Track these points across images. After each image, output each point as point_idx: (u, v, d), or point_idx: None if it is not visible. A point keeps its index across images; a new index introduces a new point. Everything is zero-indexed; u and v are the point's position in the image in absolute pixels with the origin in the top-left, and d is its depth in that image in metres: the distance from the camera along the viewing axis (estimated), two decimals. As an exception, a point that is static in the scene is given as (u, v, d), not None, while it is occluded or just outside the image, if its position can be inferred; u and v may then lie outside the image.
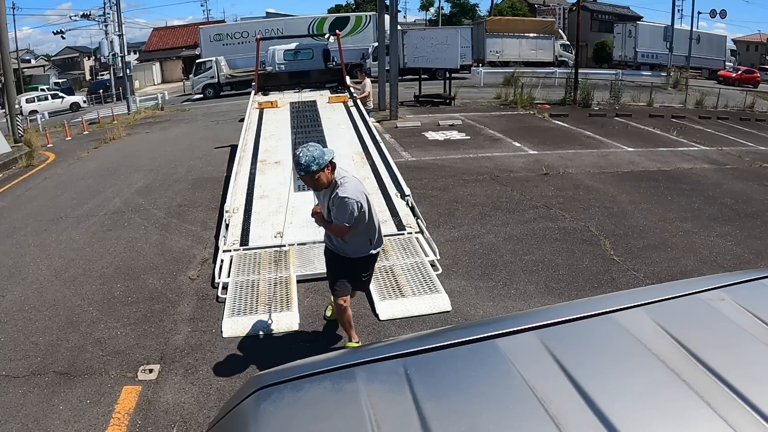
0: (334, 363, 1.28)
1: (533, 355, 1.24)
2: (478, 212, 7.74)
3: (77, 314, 5.41)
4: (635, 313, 1.38)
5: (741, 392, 1.10)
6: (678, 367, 1.18)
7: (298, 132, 9.87)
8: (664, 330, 1.31)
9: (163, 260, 6.45)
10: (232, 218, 6.64)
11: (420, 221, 6.56)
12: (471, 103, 19.65)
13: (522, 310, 4.15)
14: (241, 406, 1.21)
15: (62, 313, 5.47)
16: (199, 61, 30.83)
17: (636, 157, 11.64)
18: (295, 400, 1.17)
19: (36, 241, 7.52)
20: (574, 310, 1.42)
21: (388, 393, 1.16)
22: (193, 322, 5.06)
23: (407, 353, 1.27)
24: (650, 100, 21.33)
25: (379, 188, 7.30)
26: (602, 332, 1.34)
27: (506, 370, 1.20)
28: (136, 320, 5.18)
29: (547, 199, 8.42)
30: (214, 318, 5.08)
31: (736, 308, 1.39)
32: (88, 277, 6.20)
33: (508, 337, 1.31)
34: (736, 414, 1.05)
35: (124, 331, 5.02)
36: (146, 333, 4.95)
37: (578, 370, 1.18)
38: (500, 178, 9.59)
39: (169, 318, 5.16)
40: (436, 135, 13.66)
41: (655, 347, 1.25)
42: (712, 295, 1.46)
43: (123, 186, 9.96)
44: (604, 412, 1.06)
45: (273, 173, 7.94)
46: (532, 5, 53.51)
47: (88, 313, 5.42)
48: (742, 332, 1.31)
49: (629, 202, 8.43)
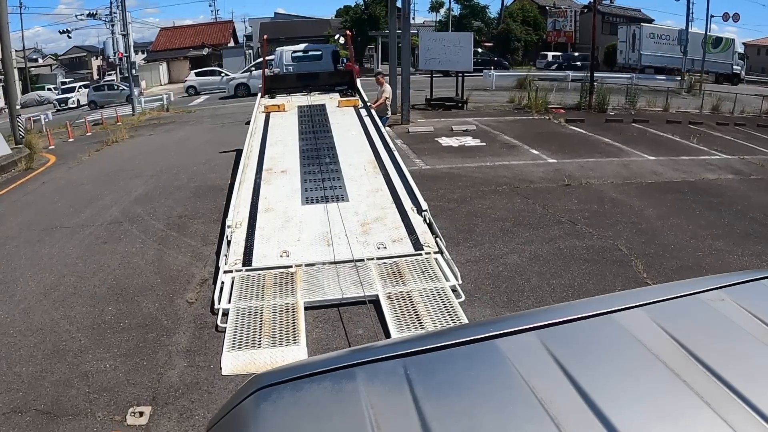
0: (334, 363, 1.25)
1: (533, 355, 1.22)
2: (499, 228, 7.21)
3: (64, 341, 4.94)
4: (635, 313, 1.36)
5: (741, 392, 1.08)
6: (678, 367, 1.17)
7: (306, 138, 9.36)
8: (664, 330, 1.29)
9: (160, 279, 5.95)
10: (235, 234, 6.14)
11: (439, 240, 6.02)
12: (484, 107, 19.09)
13: (522, 311, 3.86)
14: (241, 406, 1.18)
15: (49, 339, 5.01)
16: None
17: (658, 166, 11.14)
18: (295, 400, 1.15)
19: (27, 253, 7.07)
20: (574, 311, 1.40)
21: (388, 393, 1.14)
22: (190, 356, 4.55)
23: (407, 353, 1.24)
24: (666, 105, 20.76)
25: (393, 202, 6.78)
26: (602, 332, 1.32)
27: (506, 370, 1.18)
28: (127, 351, 4.69)
29: (572, 214, 7.90)
30: (212, 351, 4.58)
31: (736, 308, 1.37)
32: (78, 297, 5.73)
33: (508, 337, 1.29)
34: (736, 414, 1.03)
35: (114, 363, 4.53)
36: (137, 367, 4.46)
37: (578, 371, 1.16)
38: (520, 189, 9.06)
39: (164, 349, 4.66)
40: (450, 141, 13.12)
41: (655, 347, 1.23)
42: (712, 296, 1.44)
43: (122, 193, 9.48)
44: (604, 412, 1.04)
45: (279, 183, 7.43)
46: (542, 7, 52.85)
47: (75, 341, 4.95)
48: (742, 332, 1.29)
49: (657, 216, 7.93)
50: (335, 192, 7.01)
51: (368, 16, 44.22)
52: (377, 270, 5.44)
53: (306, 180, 7.47)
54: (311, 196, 6.95)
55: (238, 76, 30.15)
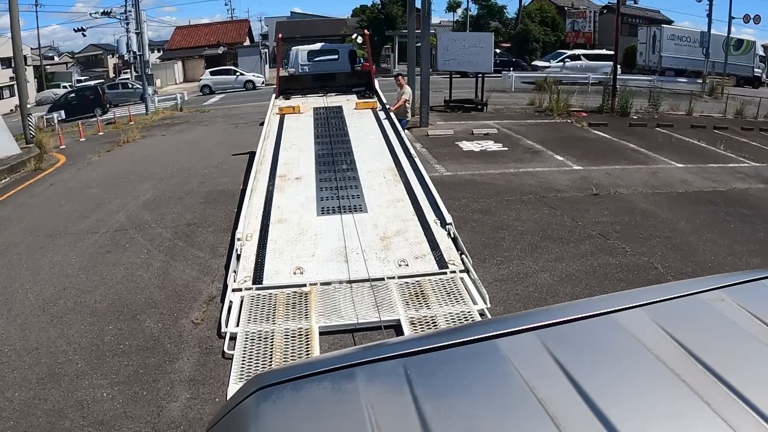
0: (334, 363, 1.22)
1: (533, 355, 1.20)
2: (527, 242, 6.74)
3: (60, 364, 4.59)
4: (635, 313, 1.35)
5: (741, 392, 1.07)
6: (678, 367, 1.15)
7: (322, 142, 8.93)
8: (664, 330, 1.28)
9: (164, 296, 5.56)
10: (245, 247, 5.73)
11: (465, 257, 5.56)
12: (504, 109, 18.57)
13: (524, 311, 3.52)
14: (241, 406, 1.16)
15: (44, 360, 4.67)
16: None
17: (687, 174, 10.63)
18: (295, 400, 1.13)
19: (29, 262, 6.75)
20: (574, 311, 1.37)
21: (388, 393, 1.12)
22: (194, 386, 4.15)
23: (407, 353, 1.22)
24: (690, 109, 20.12)
25: (415, 213, 6.33)
26: (602, 332, 1.30)
27: (506, 370, 1.17)
28: (126, 378, 4.30)
29: (603, 227, 7.42)
30: (218, 381, 4.17)
31: (736, 308, 1.37)
32: (78, 314, 5.37)
33: (508, 337, 1.27)
34: (736, 414, 1.02)
35: (111, 392, 4.14)
36: (137, 397, 4.07)
37: (578, 371, 1.14)
38: (547, 198, 8.58)
39: (165, 377, 4.27)
40: (471, 145, 12.64)
41: (655, 347, 1.22)
42: (712, 296, 1.43)
43: (129, 198, 9.13)
44: (604, 412, 1.03)
45: (293, 191, 7.02)
46: (561, 8, 52.04)
47: (72, 363, 4.58)
48: (742, 333, 1.28)
49: (691, 230, 7.46)
50: (353, 202, 6.59)
51: (385, 15, 43.81)
52: (398, 290, 5.01)
53: (321, 188, 7.05)
54: (327, 206, 6.53)
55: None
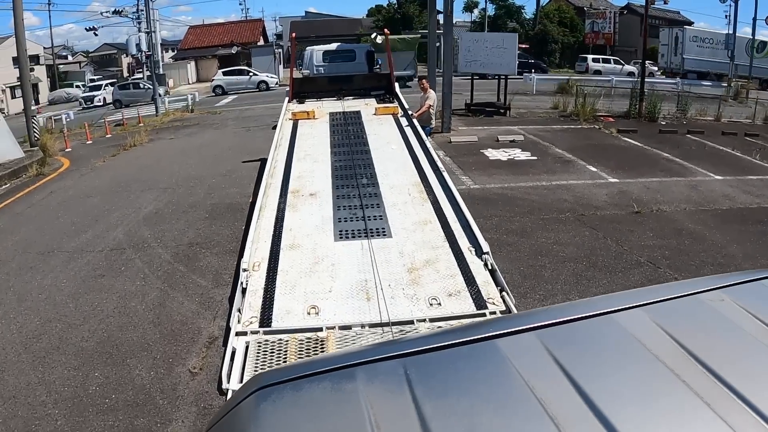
0: (334, 363, 1.19)
1: (533, 355, 1.18)
2: (570, 272, 5.98)
3: (37, 419, 3.98)
4: (635, 313, 1.32)
5: (741, 393, 1.05)
6: (678, 367, 1.13)
7: (339, 152, 8.15)
8: (664, 330, 1.25)
9: (159, 335, 4.86)
10: (252, 279, 4.96)
11: (507, 295, 4.77)
12: (527, 113, 17.76)
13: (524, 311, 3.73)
14: (241, 406, 1.13)
15: (20, 413, 4.07)
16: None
17: (728, 188, 9.86)
18: (295, 400, 1.11)
19: (17, 285, 6.15)
20: (574, 311, 1.34)
21: (388, 393, 1.11)
22: (187, 460, 3.46)
23: (407, 353, 1.20)
24: (718, 114, 19.25)
25: (446, 239, 5.55)
26: (602, 332, 1.28)
27: (506, 370, 1.15)
28: (108, 445, 3.62)
29: (650, 251, 6.66)
30: (216, 455, 3.47)
31: (736, 309, 1.34)
32: (62, 354, 4.71)
33: (508, 337, 1.25)
34: (736, 415, 1.00)
35: (89, 464, 3.46)
36: (118, 474, 3.38)
37: (578, 371, 1.12)
38: (585, 217, 7.80)
39: (154, 446, 3.58)
40: (498, 154, 11.86)
41: (655, 348, 1.19)
42: (711, 296, 1.39)
43: (130, 210, 8.47)
44: (604, 412, 1.00)
45: (307, 210, 6.24)
46: (579, 8, 51.04)
47: (50, 419, 3.96)
48: (742, 332, 1.26)
49: (744, 256, 6.74)
50: (375, 224, 5.80)
51: (401, 15, 43.15)
52: (430, 336, 4.27)
53: (339, 207, 6.28)
54: (346, 229, 5.76)
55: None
